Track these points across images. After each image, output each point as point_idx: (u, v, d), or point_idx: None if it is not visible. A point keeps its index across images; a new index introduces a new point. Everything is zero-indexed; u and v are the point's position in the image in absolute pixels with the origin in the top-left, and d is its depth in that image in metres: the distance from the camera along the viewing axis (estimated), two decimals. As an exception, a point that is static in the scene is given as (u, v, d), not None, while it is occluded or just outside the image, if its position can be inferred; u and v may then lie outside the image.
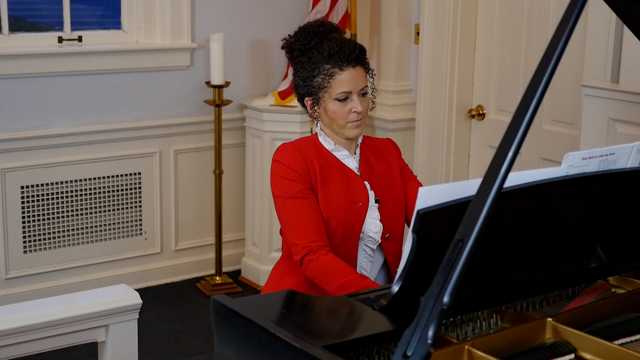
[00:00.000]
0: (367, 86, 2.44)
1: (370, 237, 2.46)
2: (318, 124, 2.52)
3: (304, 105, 2.52)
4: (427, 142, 4.36)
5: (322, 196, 2.41)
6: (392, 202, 2.50)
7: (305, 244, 2.35)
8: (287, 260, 2.52)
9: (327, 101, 2.41)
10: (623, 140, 2.98)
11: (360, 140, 2.55)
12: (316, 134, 2.53)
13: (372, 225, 2.46)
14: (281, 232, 2.53)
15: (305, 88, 2.44)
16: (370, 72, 2.48)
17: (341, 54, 2.39)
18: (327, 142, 2.49)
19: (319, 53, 2.40)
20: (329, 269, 2.31)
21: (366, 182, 2.48)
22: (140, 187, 4.46)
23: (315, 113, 2.46)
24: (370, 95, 2.50)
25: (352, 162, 2.50)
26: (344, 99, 2.40)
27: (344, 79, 2.39)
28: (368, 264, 2.50)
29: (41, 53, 4.11)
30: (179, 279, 4.67)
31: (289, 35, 2.53)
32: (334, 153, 2.48)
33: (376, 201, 2.48)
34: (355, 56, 2.41)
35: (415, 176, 2.60)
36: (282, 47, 2.54)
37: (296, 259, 2.38)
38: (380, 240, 2.48)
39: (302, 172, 2.40)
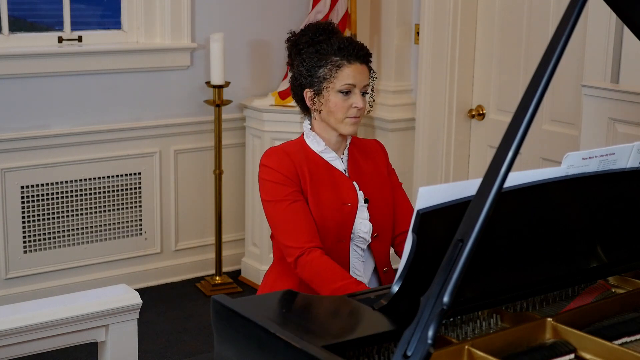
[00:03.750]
0: (368, 85, 2.46)
1: (361, 237, 2.47)
2: (306, 124, 2.52)
3: (299, 100, 2.51)
4: (427, 142, 4.36)
5: (312, 199, 2.41)
6: (380, 202, 2.51)
7: (298, 246, 2.35)
8: (279, 265, 2.53)
9: (330, 93, 2.42)
10: (623, 140, 2.98)
11: (349, 141, 2.55)
12: (302, 136, 2.53)
13: (362, 225, 2.46)
14: (272, 237, 2.54)
15: (309, 78, 2.44)
16: (372, 75, 2.49)
17: (350, 49, 2.42)
18: (315, 144, 2.49)
19: (328, 45, 2.42)
20: (324, 272, 2.30)
21: (355, 183, 2.49)
22: (140, 187, 4.46)
23: (314, 105, 2.46)
24: (370, 98, 2.51)
25: (340, 164, 2.50)
26: (347, 92, 2.41)
27: (350, 73, 2.41)
28: (360, 264, 2.50)
29: (41, 53, 4.11)
30: (179, 279, 4.67)
31: (293, 31, 2.55)
32: (322, 155, 2.48)
33: (365, 201, 2.49)
34: (364, 54, 2.44)
35: (401, 184, 2.62)
36: (287, 41, 2.54)
37: (289, 261, 2.38)
38: (370, 240, 2.49)
39: (291, 176, 2.41)
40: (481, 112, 4.31)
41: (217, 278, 4.57)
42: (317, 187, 2.43)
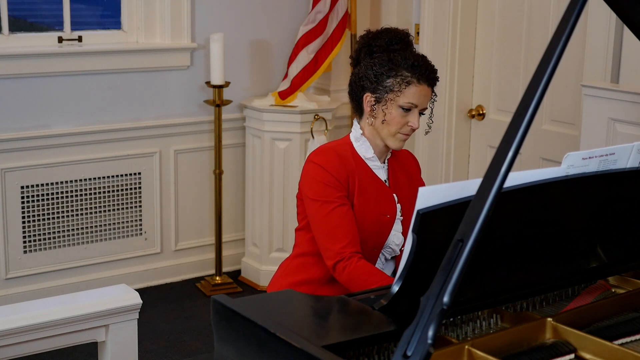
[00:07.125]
0: (427, 108, 2.47)
1: (391, 248, 2.49)
2: (356, 127, 2.50)
3: (355, 99, 2.49)
4: (427, 142, 4.36)
5: (357, 206, 2.42)
6: (411, 215, 2.51)
7: (338, 250, 2.34)
8: (300, 257, 2.52)
9: (391, 105, 2.41)
10: (623, 140, 2.98)
11: (390, 151, 2.56)
12: (348, 137, 2.52)
13: (395, 237, 2.48)
14: (297, 230, 2.54)
15: (374, 84, 2.42)
16: (433, 97, 2.49)
17: (423, 69, 2.40)
18: (364, 149, 2.48)
19: (402, 58, 2.40)
20: (363, 275, 2.31)
21: (394, 195, 2.50)
22: (140, 187, 4.46)
23: (372, 112, 2.44)
24: (428, 120, 2.55)
25: (382, 174, 2.52)
26: (407, 109, 2.41)
27: (417, 92, 2.40)
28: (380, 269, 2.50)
29: (41, 53, 4.11)
30: (179, 279, 4.67)
31: (369, 30, 2.53)
32: (367, 162, 2.49)
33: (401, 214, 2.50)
34: (433, 77, 2.44)
35: None
36: (361, 38, 2.52)
37: (328, 264, 2.38)
38: (398, 253, 2.51)
39: (341, 180, 2.40)
40: (481, 112, 4.31)
41: (217, 278, 4.57)
42: (362, 195, 2.43)
